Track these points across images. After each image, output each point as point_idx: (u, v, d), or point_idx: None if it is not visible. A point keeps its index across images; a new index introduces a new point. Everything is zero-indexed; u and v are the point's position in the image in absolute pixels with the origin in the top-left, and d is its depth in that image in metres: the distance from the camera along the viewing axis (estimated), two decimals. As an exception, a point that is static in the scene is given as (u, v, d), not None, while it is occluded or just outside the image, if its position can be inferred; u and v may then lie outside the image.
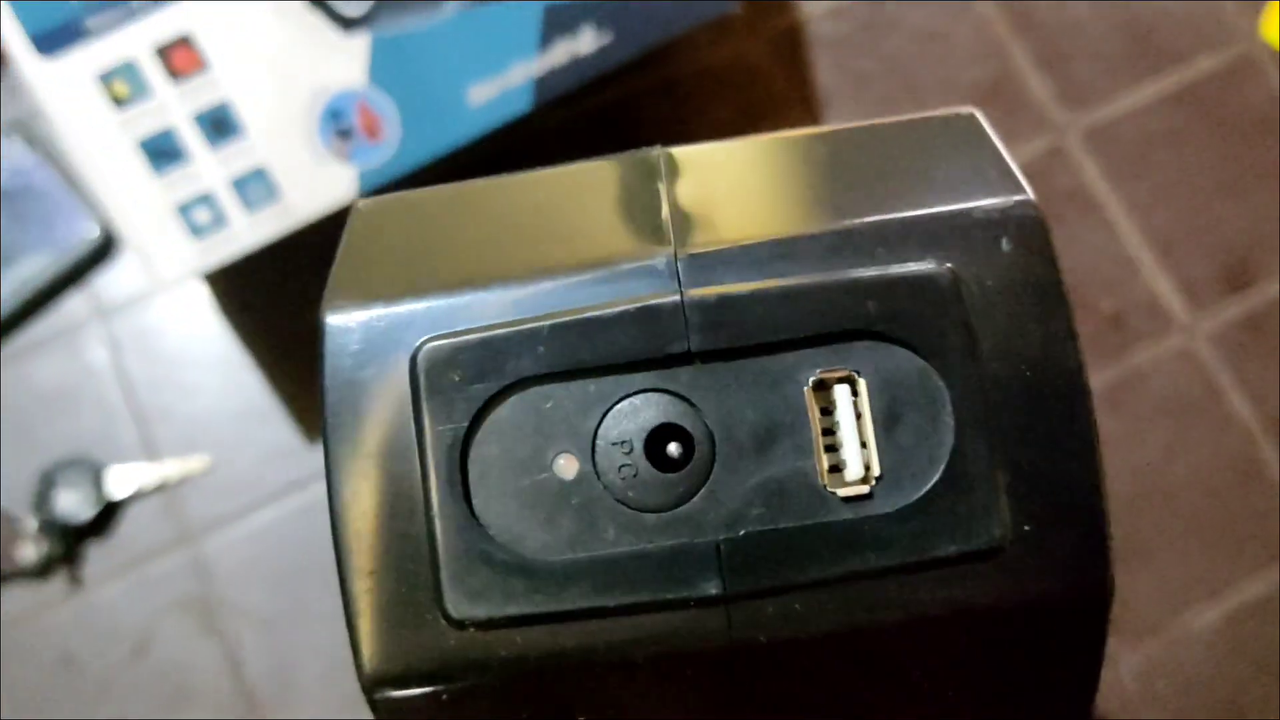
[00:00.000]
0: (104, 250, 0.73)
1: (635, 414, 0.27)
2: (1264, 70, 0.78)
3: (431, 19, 0.60)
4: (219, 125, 0.59)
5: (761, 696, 0.28)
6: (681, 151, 0.32)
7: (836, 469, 0.27)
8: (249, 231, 0.60)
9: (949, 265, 0.27)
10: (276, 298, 0.72)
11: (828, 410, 0.27)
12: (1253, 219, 0.75)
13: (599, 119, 0.75)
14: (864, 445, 0.27)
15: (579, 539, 0.26)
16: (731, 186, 0.32)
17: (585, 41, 0.62)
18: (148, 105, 0.58)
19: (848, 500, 0.26)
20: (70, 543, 0.69)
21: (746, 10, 0.76)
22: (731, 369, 0.27)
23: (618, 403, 0.27)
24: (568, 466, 0.27)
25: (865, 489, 0.26)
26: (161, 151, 0.59)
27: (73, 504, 0.69)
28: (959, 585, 0.26)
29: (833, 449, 0.27)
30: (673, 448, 0.27)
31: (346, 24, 0.59)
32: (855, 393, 0.27)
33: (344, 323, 0.28)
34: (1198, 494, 0.71)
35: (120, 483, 0.70)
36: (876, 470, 0.26)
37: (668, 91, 0.77)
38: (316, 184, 0.60)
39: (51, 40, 0.57)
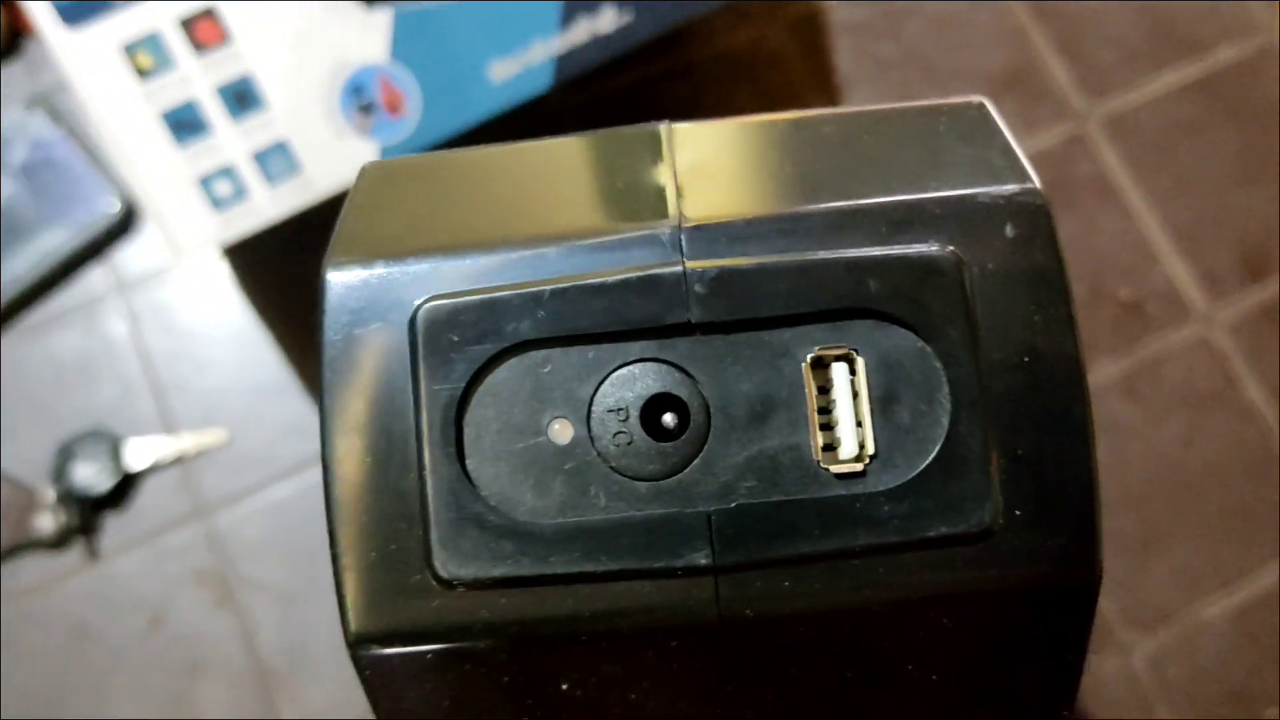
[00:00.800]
0: (124, 225, 0.74)
1: (632, 382, 0.27)
2: (1285, 62, 0.78)
3: (454, -5, 0.60)
4: (241, 98, 0.59)
5: (747, 672, 0.28)
6: (688, 127, 0.32)
7: (831, 446, 0.27)
8: (270, 205, 0.60)
9: (952, 249, 0.27)
10: (294, 274, 0.72)
11: (825, 388, 0.27)
12: (1272, 209, 0.75)
13: (618, 101, 0.75)
14: (859, 423, 0.27)
15: (570, 504, 0.26)
16: (737, 162, 0.32)
17: (606, 20, 0.62)
18: (171, 77, 0.59)
19: (841, 477, 0.26)
20: (87, 514, 0.70)
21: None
22: (730, 342, 0.27)
23: (615, 370, 0.27)
24: (562, 432, 0.27)
25: (859, 467, 0.26)
26: (184, 123, 0.59)
27: (90, 476, 0.70)
28: (948, 567, 0.26)
29: (828, 426, 0.27)
30: (668, 417, 0.27)
31: (369, -1, 0.59)
32: (853, 371, 0.27)
33: (345, 279, 0.28)
34: (1213, 483, 0.71)
35: (138, 455, 0.70)
36: (871, 449, 0.26)
37: (687, 75, 0.77)
38: (337, 158, 0.61)
39: (77, 11, 0.57)
